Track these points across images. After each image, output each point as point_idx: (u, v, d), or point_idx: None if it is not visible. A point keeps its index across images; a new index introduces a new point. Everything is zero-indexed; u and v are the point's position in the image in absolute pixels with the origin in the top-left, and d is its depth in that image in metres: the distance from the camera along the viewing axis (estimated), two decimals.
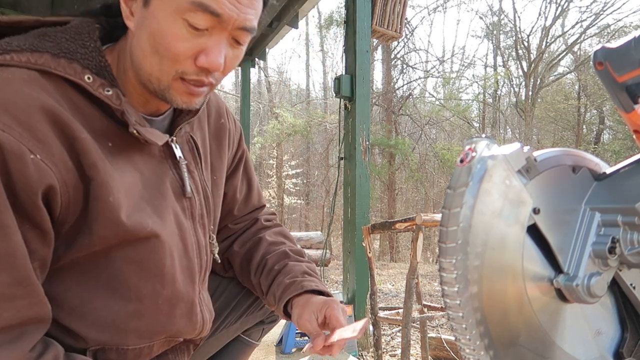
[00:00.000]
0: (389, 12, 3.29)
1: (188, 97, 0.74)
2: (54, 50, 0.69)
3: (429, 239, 10.75)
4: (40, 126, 0.63)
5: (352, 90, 3.07)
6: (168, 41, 0.68)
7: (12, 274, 0.61)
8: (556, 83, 14.89)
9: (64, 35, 0.71)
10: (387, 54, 12.08)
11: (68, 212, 0.67)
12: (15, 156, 0.60)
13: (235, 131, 1.03)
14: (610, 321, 0.66)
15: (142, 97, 0.77)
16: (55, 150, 0.64)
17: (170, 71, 0.70)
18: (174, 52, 0.69)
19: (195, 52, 0.70)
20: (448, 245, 0.55)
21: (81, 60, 0.70)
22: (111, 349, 0.76)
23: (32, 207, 0.62)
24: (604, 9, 12.68)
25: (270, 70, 15.70)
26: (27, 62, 0.66)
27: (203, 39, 0.69)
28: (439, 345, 2.79)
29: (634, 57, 0.59)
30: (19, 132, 0.60)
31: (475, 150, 0.56)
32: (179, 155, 0.82)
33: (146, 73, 0.72)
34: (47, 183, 0.63)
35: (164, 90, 0.72)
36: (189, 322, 0.85)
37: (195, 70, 0.71)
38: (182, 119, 0.84)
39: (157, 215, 0.76)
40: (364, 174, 3.06)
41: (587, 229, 0.62)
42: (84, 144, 0.66)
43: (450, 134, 13.78)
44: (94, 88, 0.69)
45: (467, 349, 0.57)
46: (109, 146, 0.71)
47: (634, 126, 0.65)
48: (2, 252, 0.60)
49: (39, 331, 0.66)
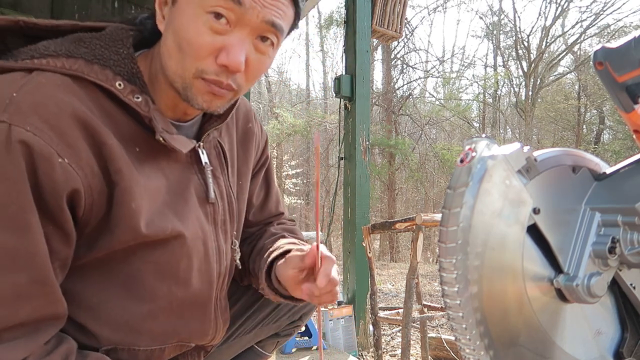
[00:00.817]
0: (389, 12, 3.29)
1: (209, 97, 0.73)
2: (88, 57, 0.70)
3: (429, 239, 10.75)
4: (70, 131, 0.64)
5: (352, 90, 3.07)
6: (190, 36, 0.69)
7: (32, 273, 0.63)
8: (556, 83, 14.89)
9: (98, 42, 0.73)
10: (387, 54, 12.09)
11: (91, 215, 0.69)
12: (44, 159, 0.61)
13: (261, 137, 1.03)
14: (610, 321, 0.66)
15: (171, 101, 0.78)
16: (83, 155, 0.65)
17: (191, 68, 0.70)
18: (195, 48, 0.69)
19: (217, 49, 0.69)
20: (448, 245, 0.55)
21: (114, 67, 0.71)
22: (123, 350, 0.76)
23: (56, 209, 0.64)
24: (604, 9, 12.69)
25: (270, 70, 15.70)
26: (62, 68, 0.68)
27: (225, 37, 0.69)
28: (439, 345, 2.79)
29: (634, 57, 0.59)
30: (50, 136, 0.62)
31: (475, 150, 0.56)
32: (204, 161, 0.83)
33: (171, 72, 0.72)
34: (73, 187, 0.64)
35: (186, 89, 0.72)
36: (202, 326, 0.85)
37: (215, 69, 0.70)
38: (210, 125, 0.84)
39: (178, 219, 0.77)
40: (364, 174, 3.06)
41: (587, 229, 0.62)
42: (112, 149, 0.68)
43: (450, 134, 13.78)
44: (124, 94, 0.70)
45: (467, 349, 0.57)
46: (136, 151, 0.72)
47: (634, 126, 0.65)
48: (23, 251, 0.62)
49: (54, 327, 0.68)
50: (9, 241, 0.61)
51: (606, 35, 12.79)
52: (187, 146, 0.78)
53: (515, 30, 14.34)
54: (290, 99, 16.70)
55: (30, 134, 0.61)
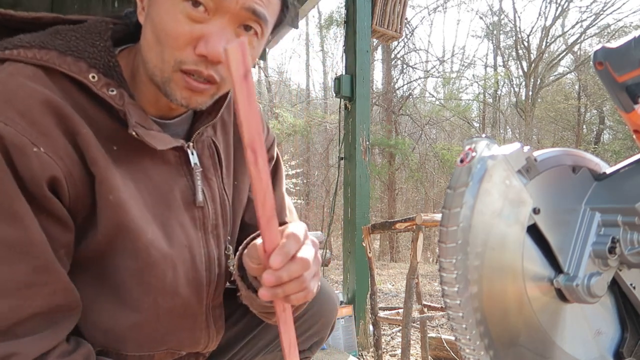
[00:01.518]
0: (389, 12, 3.29)
1: (188, 93, 0.70)
2: (61, 48, 0.68)
3: (429, 239, 10.74)
4: (43, 119, 0.62)
5: (352, 90, 3.06)
6: (167, 26, 0.66)
7: (32, 262, 0.62)
8: (556, 83, 14.88)
9: (74, 34, 0.70)
10: (387, 54, 12.08)
11: (77, 204, 0.67)
12: (17, 149, 0.60)
13: (265, 136, 0.96)
14: (610, 321, 0.66)
15: (153, 96, 0.75)
16: (60, 144, 0.63)
17: (170, 60, 0.67)
18: (172, 38, 0.66)
19: (195, 39, 0.66)
20: (448, 245, 0.55)
21: (88, 59, 0.69)
22: (111, 352, 0.76)
23: (42, 198, 0.62)
24: (604, 9, 12.68)
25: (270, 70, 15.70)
26: (33, 58, 0.65)
27: (204, 25, 0.66)
28: (439, 345, 2.78)
29: (634, 57, 0.59)
30: (22, 126, 0.60)
31: (476, 150, 0.56)
32: (193, 162, 0.79)
33: (151, 65, 0.70)
34: (51, 174, 0.62)
35: (165, 83, 0.69)
36: (192, 335, 0.82)
37: (194, 59, 0.67)
38: (201, 123, 0.81)
39: (157, 225, 0.73)
40: (364, 174, 3.06)
41: (587, 229, 0.62)
42: (85, 138, 0.65)
43: (451, 134, 13.77)
44: (97, 87, 0.68)
45: (467, 349, 0.57)
46: (114, 150, 0.69)
47: (634, 126, 0.65)
48: (19, 241, 0.61)
49: (70, 320, 0.67)
50: (3, 232, 0.60)
51: (606, 35, 12.78)
52: (166, 144, 0.72)
53: (515, 30, 14.34)
54: (290, 99, 16.69)
55: (2, 124, 0.59)
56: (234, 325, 0.95)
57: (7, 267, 0.60)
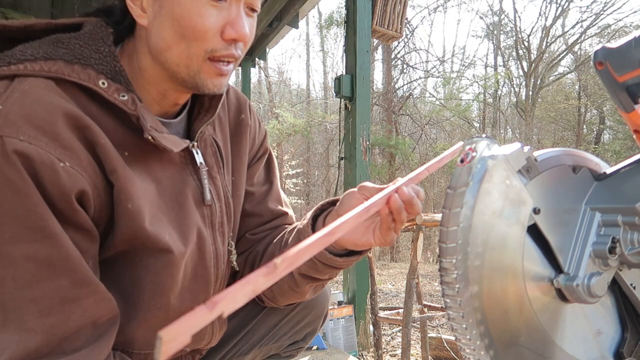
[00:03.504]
0: (389, 12, 3.29)
1: (218, 79, 0.73)
2: (67, 57, 0.68)
3: (429, 239, 10.74)
4: (65, 133, 0.63)
5: (353, 90, 3.06)
6: (194, 21, 0.68)
7: (72, 276, 0.63)
8: (556, 83, 14.88)
9: (77, 42, 0.70)
10: (388, 54, 12.08)
11: (101, 214, 0.68)
12: (45, 166, 0.60)
13: (257, 129, 0.98)
14: (610, 321, 0.66)
15: (158, 94, 0.76)
16: (82, 156, 0.64)
17: (199, 53, 0.70)
18: (202, 31, 0.69)
19: (221, 26, 0.70)
20: (448, 245, 0.55)
21: (95, 65, 0.69)
22: (117, 349, 0.76)
23: (71, 212, 0.63)
24: (604, 9, 12.68)
25: (270, 70, 15.69)
26: (41, 70, 0.66)
27: (225, 12, 0.70)
28: (439, 345, 2.78)
29: (634, 57, 0.59)
30: (45, 142, 0.61)
31: (476, 150, 0.56)
32: (199, 162, 0.80)
33: (173, 63, 0.71)
34: (79, 188, 0.63)
35: (195, 75, 0.72)
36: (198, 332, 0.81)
37: (223, 44, 0.71)
38: (202, 122, 0.81)
39: (173, 227, 0.75)
40: (364, 174, 3.06)
41: (587, 229, 0.62)
42: (104, 149, 0.66)
43: (451, 134, 13.77)
44: (108, 93, 0.68)
45: (467, 349, 0.57)
46: (125, 155, 0.70)
47: (634, 126, 0.65)
48: (57, 259, 0.61)
49: (113, 329, 0.68)
50: (39, 251, 0.60)
51: (606, 35, 12.78)
52: (179, 145, 0.74)
53: (515, 30, 14.34)
54: (291, 99, 16.70)
55: (26, 143, 0.59)
56: (229, 321, 0.96)
57: (49, 284, 0.61)
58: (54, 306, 0.61)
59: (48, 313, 0.61)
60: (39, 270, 0.60)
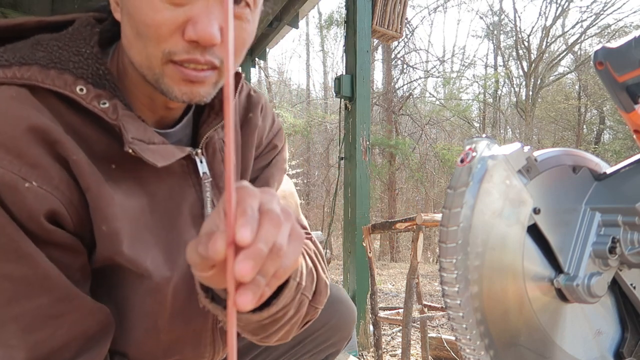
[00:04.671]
0: (389, 12, 3.29)
1: (187, 86, 0.61)
2: (43, 61, 0.61)
3: (430, 239, 10.74)
4: (32, 149, 0.56)
5: (353, 90, 3.06)
6: (146, 17, 0.57)
7: (52, 294, 0.59)
8: (556, 83, 14.88)
9: (56, 43, 0.63)
10: (388, 54, 12.08)
11: (83, 228, 0.63)
12: (7, 188, 0.55)
13: (267, 128, 0.86)
14: (610, 321, 0.66)
15: (147, 97, 0.68)
16: (53, 172, 0.58)
17: (156, 53, 0.59)
18: (154, 28, 0.57)
19: (181, 24, 0.57)
20: (448, 245, 0.55)
21: (74, 69, 0.62)
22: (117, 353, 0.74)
23: (43, 232, 0.59)
24: (604, 9, 12.68)
25: (270, 71, 15.69)
26: (14, 77, 0.59)
27: (187, 7, 0.57)
28: (439, 345, 2.78)
29: (634, 57, 0.59)
30: (9, 161, 0.55)
31: (476, 150, 0.56)
32: (202, 171, 0.72)
33: (137, 65, 0.62)
34: (48, 208, 0.58)
35: (158, 80, 0.61)
36: (196, 351, 0.77)
37: (184, 47, 0.58)
38: (209, 126, 0.72)
39: (159, 249, 0.68)
40: (364, 174, 3.06)
41: (587, 229, 0.62)
42: (77, 165, 0.60)
43: (451, 134, 13.77)
44: (86, 101, 0.61)
45: (467, 349, 0.57)
46: (111, 168, 0.64)
47: (634, 126, 0.65)
48: (34, 278, 0.58)
49: (106, 336, 0.65)
50: (15, 271, 0.57)
51: (606, 35, 12.78)
52: (168, 158, 0.65)
53: (515, 30, 14.34)
54: (291, 99, 16.69)
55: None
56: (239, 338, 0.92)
57: (29, 302, 0.59)
58: (36, 323, 0.58)
59: (31, 330, 0.59)
60: (16, 288, 0.57)
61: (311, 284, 0.68)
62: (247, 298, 0.38)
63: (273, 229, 0.42)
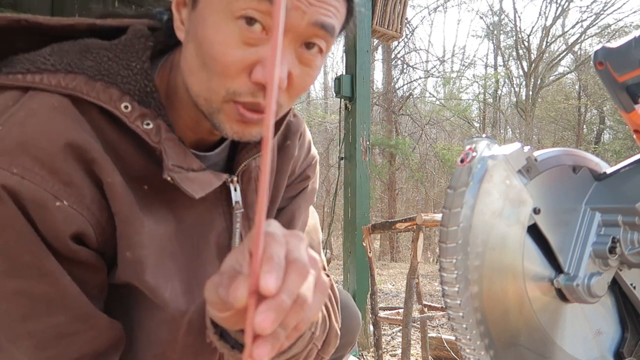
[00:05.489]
0: (390, 12, 3.29)
1: (240, 126, 0.59)
2: (91, 72, 0.59)
3: (430, 239, 10.74)
4: (66, 167, 0.55)
5: (353, 90, 3.07)
6: (216, 50, 0.55)
7: (70, 313, 0.58)
8: (556, 83, 14.89)
9: (107, 53, 0.60)
10: (388, 54, 12.08)
11: (107, 245, 0.61)
12: (37, 206, 0.53)
13: (302, 157, 0.83)
14: (610, 321, 0.66)
15: (192, 120, 0.65)
16: (86, 191, 0.56)
17: (219, 90, 0.57)
18: (223, 64, 0.55)
19: (250, 64, 0.55)
20: (448, 245, 0.55)
21: (121, 84, 0.59)
22: None
23: (67, 251, 0.57)
24: (604, 9, 12.68)
25: None
26: (58, 86, 0.57)
27: (260, 48, 0.55)
28: (439, 345, 2.78)
29: (634, 57, 0.59)
30: (42, 177, 0.53)
31: (476, 150, 0.56)
32: (234, 200, 0.69)
33: (194, 93, 0.60)
34: (75, 229, 0.56)
35: (213, 114, 0.59)
36: None
37: (249, 88, 0.56)
38: (247, 153, 0.69)
39: (180, 279, 0.65)
40: (364, 174, 3.06)
41: (587, 228, 0.63)
42: (110, 188, 0.58)
43: (451, 133, 13.77)
44: (130, 120, 0.59)
45: (467, 349, 0.57)
46: (144, 189, 0.62)
47: (634, 126, 0.65)
48: (54, 296, 0.57)
49: (116, 352, 0.64)
50: (36, 288, 0.56)
51: (606, 35, 12.78)
52: (205, 188, 0.62)
53: (515, 30, 14.34)
54: None
55: (18, 177, 0.52)
56: None
57: (47, 319, 0.58)
58: (51, 340, 0.58)
59: (44, 347, 0.58)
60: (34, 305, 0.57)
61: (322, 333, 0.67)
62: (264, 350, 0.37)
63: (298, 280, 0.39)
